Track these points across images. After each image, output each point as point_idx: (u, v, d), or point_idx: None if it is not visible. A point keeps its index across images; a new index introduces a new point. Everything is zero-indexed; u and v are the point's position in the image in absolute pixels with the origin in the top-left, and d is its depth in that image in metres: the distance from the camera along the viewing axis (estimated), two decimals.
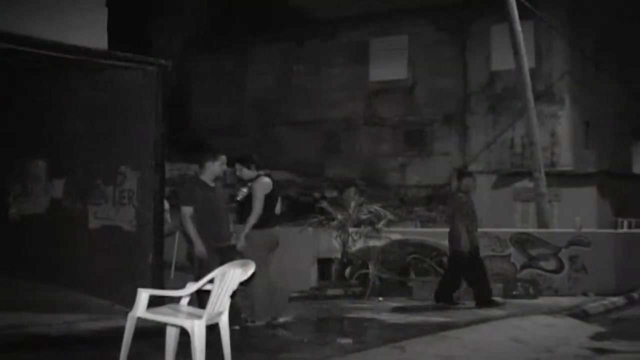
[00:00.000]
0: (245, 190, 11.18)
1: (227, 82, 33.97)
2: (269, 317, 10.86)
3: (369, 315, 12.66)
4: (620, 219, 26.69)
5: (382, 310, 13.22)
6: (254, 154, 11.36)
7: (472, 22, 30.11)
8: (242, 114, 33.40)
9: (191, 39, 32.96)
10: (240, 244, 10.70)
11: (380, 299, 14.91)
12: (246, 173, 10.94)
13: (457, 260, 14.10)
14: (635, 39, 34.53)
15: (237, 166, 10.97)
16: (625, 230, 23.78)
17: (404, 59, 31.53)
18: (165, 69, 11.08)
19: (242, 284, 7.70)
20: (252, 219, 10.70)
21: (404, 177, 30.79)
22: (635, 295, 16.34)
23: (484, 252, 15.80)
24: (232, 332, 7.88)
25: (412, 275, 16.22)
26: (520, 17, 20.36)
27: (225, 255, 9.98)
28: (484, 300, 13.87)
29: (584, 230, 17.52)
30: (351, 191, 17.20)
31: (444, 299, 14.08)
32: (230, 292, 7.45)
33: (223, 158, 10.54)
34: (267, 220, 10.81)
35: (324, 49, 32.69)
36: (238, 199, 11.27)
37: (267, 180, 10.98)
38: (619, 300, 15.46)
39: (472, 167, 29.15)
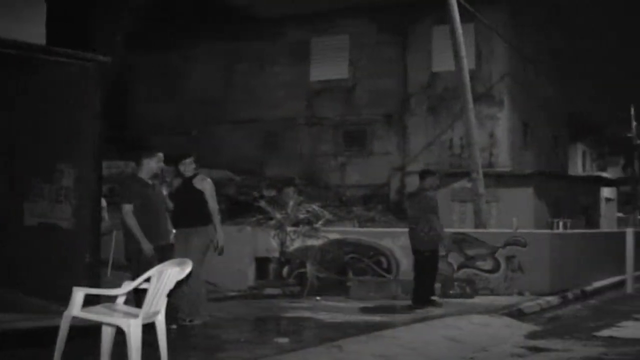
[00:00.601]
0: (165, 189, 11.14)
1: (168, 80, 33.75)
2: (207, 316, 10.84)
3: (306, 314, 12.67)
4: (555, 220, 27.04)
5: (319, 310, 13.23)
6: (193, 152, 11.32)
7: (414, 23, 30.28)
8: (183, 112, 33.20)
9: (132, 36, 32.65)
10: (222, 242, 10.83)
11: (318, 298, 14.93)
12: (186, 171, 10.91)
13: (421, 259, 14.18)
14: (575, 42, 35.09)
15: (186, 161, 10.92)
16: (560, 230, 24.10)
17: (345, 59, 31.61)
18: (105, 65, 10.96)
19: (178, 283, 7.66)
20: (217, 217, 10.78)
21: (343, 177, 30.86)
22: (569, 294, 16.61)
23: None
24: (169, 331, 7.84)
25: (350, 274, 16.28)
26: (462, 19, 20.54)
27: (164, 253, 9.93)
28: (424, 298, 14.00)
29: (520, 230, 17.73)
30: (290, 190, 17.27)
31: (426, 301, 14.17)
32: (167, 291, 7.41)
33: (160, 155, 10.49)
34: (205, 219, 10.80)
35: (266, 48, 32.61)
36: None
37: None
38: (553, 299, 15.69)
39: (411, 167, 29.34)
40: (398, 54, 30.66)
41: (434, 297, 14.21)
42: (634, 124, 46.77)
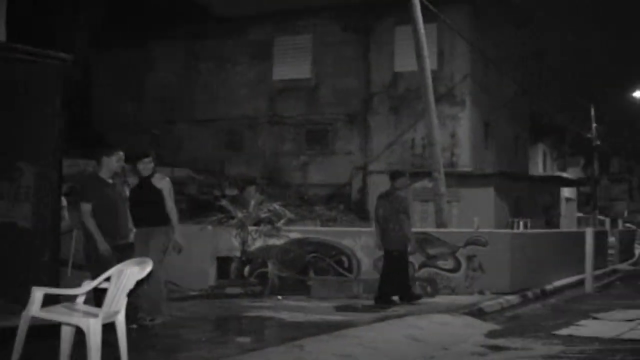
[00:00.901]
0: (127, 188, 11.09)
1: (131, 78, 33.58)
2: (168, 316, 10.80)
3: (268, 314, 12.66)
4: (516, 219, 27.24)
5: (281, 309, 13.22)
6: (152, 151, 11.28)
7: (377, 23, 30.39)
8: (144, 110, 33.05)
9: (94, 34, 32.47)
10: (180, 241, 10.82)
11: (279, 297, 14.92)
12: (145, 170, 10.85)
13: (390, 258, 14.28)
14: (534, 44, 35.36)
15: (145, 160, 10.86)
16: (521, 230, 24.27)
17: (308, 58, 31.66)
18: (66, 63, 10.85)
19: (139, 282, 7.62)
20: (175, 216, 10.75)
21: (305, 176, 30.90)
22: (529, 293, 16.72)
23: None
24: (129, 331, 7.80)
25: (312, 274, 16.28)
26: (424, 20, 20.59)
27: (124, 253, 9.87)
28: (385, 297, 14.07)
29: (481, 230, 17.83)
30: (252, 190, 17.26)
31: (407, 296, 14.25)
32: (127, 290, 7.38)
33: (120, 154, 10.43)
34: (165, 218, 10.76)
35: (228, 46, 32.57)
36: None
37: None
38: (514, 298, 15.79)
39: (373, 167, 29.47)
40: (361, 53, 30.77)
41: (393, 298, 14.30)
42: (594, 125, 47.17)
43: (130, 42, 33.21)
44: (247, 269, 15.84)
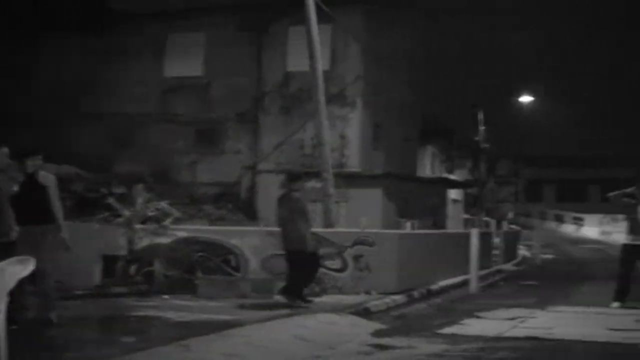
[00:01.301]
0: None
1: (20, 73, 32.74)
2: (54, 315, 10.60)
3: (154, 313, 12.54)
4: (403, 220, 27.55)
5: (167, 309, 13.10)
6: (38, 147, 11.03)
7: (271, 22, 30.34)
8: (33, 105, 32.28)
9: None
10: (67, 239, 10.65)
11: (166, 297, 14.81)
12: (30, 166, 10.62)
13: (298, 258, 14.28)
14: (427, 46, 35.80)
15: (31, 156, 10.63)
16: (408, 231, 24.55)
17: (201, 56, 31.44)
18: None
19: (22, 281, 7.44)
20: (60, 214, 10.54)
21: (195, 175, 30.67)
22: (415, 293, 16.94)
23: (269, 251, 16.13)
24: (10, 332, 7.60)
25: (199, 273, 16.21)
26: (318, 20, 20.64)
27: (6, 251, 9.62)
28: (296, 294, 14.12)
29: (368, 230, 17.95)
30: (140, 188, 17.03)
31: (296, 295, 14.23)
32: (7, 290, 7.19)
33: (5, 150, 10.19)
34: (50, 216, 10.55)
35: (121, 42, 32.02)
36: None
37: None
38: (400, 298, 15.98)
39: (262, 166, 29.47)
40: (254, 53, 30.69)
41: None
42: (482, 128, 48.06)
43: (23, 36, 32.39)
44: (133, 268, 15.71)
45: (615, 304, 15.28)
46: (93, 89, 31.98)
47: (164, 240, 16.08)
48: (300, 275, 14.34)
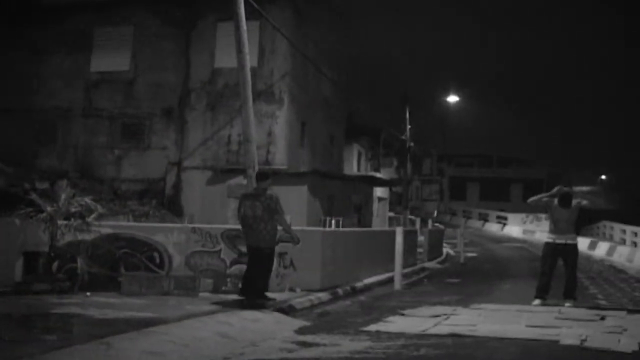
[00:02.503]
0: None
1: None
2: None
3: (75, 310, 12.37)
4: (329, 218, 27.62)
5: (89, 306, 12.94)
6: None
7: (199, 18, 30.16)
8: None
9: None
10: None
11: (88, 294, 14.65)
12: None
13: (263, 256, 14.31)
14: (355, 45, 35.94)
15: None
16: (332, 228, 24.62)
17: (128, 51, 31.08)
18: None
19: None
20: None
21: (119, 171, 30.35)
22: (339, 291, 17.03)
23: (194, 248, 16.08)
24: None
25: (122, 270, 16.06)
26: (247, 17, 20.58)
27: None
28: (259, 293, 14.11)
29: (293, 227, 17.95)
30: (63, 183, 16.76)
31: (259, 294, 14.18)
32: None
33: None
34: None
35: (44, 35, 31.53)
36: None
37: None
38: (324, 295, 16.06)
39: (187, 163, 29.32)
40: (181, 48, 30.47)
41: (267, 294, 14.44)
42: (408, 126, 48.39)
43: None
44: (55, 265, 15.45)
45: (537, 302, 15.60)
46: (15, 83, 31.40)
47: (87, 236, 15.90)
48: (263, 273, 14.33)
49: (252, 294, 14.12)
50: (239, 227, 15.13)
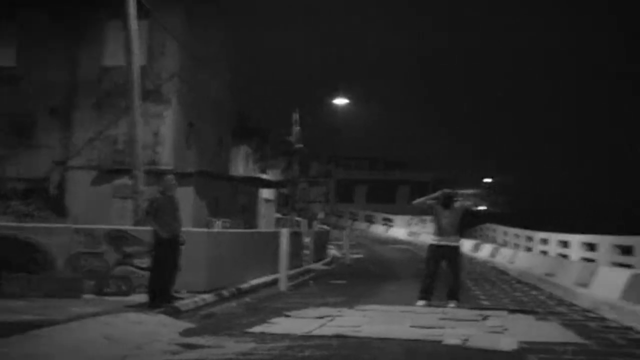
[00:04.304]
0: None
1: None
2: None
3: None
4: (215, 219, 27.59)
5: None
6: None
7: (88, 15, 29.71)
8: None
9: None
10: None
11: None
12: None
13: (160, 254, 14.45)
14: (245, 47, 35.84)
15: None
16: (218, 229, 24.61)
17: (14, 47, 30.41)
18: None
19: None
20: None
21: (2, 169, 29.65)
22: (225, 292, 17.07)
23: (77, 249, 15.91)
24: None
25: (4, 271, 15.75)
26: (137, 16, 20.43)
27: None
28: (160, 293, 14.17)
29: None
30: None
31: (164, 296, 14.28)
32: None
33: None
34: None
35: None
36: None
37: None
38: (209, 297, 16.09)
39: (73, 162, 28.88)
40: (69, 45, 29.97)
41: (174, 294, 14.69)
42: (297, 128, 48.63)
43: None
44: None
45: (421, 303, 15.92)
46: None
47: None
48: (164, 272, 14.38)
49: (153, 294, 14.30)
50: (122, 227, 15.08)
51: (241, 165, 44.65)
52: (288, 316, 13.78)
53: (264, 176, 42.79)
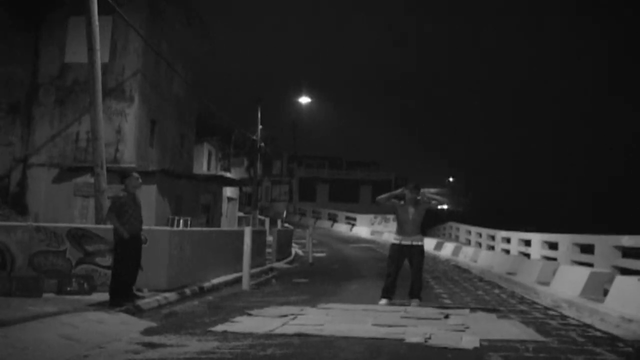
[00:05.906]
0: None
1: None
2: None
3: None
4: (177, 217, 27.48)
5: None
6: None
7: (50, 10, 29.52)
8: None
9: None
10: None
11: None
12: None
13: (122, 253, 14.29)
14: (206, 45, 35.83)
15: None
16: (180, 228, 24.50)
17: None
18: None
19: None
20: None
21: None
22: (187, 291, 16.98)
23: (38, 247, 15.77)
24: None
25: None
26: (100, 12, 20.29)
27: None
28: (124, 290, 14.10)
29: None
30: None
31: (126, 294, 14.17)
32: None
33: None
34: None
35: None
36: None
37: None
38: (171, 296, 15.99)
39: (34, 160, 28.66)
40: (30, 41, 29.74)
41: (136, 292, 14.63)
42: (260, 127, 48.61)
43: None
44: None
45: (383, 301, 15.91)
46: None
47: None
48: (127, 270, 14.36)
49: (115, 293, 14.20)
50: (84, 226, 14.96)
51: (204, 163, 44.53)
52: (250, 315, 13.72)
53: (227, 174, 42.68)
